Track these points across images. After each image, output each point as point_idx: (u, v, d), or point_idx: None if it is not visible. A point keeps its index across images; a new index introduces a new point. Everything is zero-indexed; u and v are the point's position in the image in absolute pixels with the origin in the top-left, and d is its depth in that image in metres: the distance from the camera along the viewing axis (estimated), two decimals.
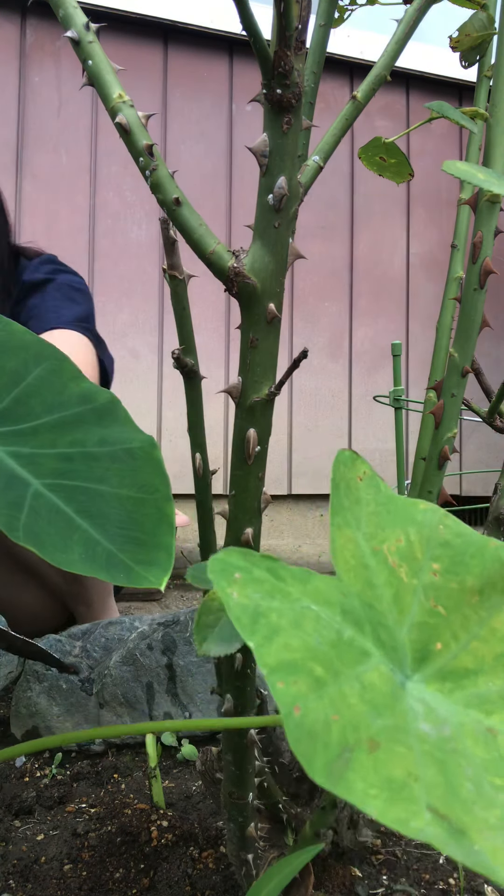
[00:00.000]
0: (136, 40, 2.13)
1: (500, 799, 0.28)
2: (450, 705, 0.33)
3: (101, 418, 0.46)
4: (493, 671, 0.36)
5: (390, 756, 0.27)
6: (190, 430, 0.50)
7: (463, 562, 0.41)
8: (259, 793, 0.62)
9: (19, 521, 0.38)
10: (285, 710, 0.26)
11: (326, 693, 0.28)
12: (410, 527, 0.43)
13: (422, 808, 0.25)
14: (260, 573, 0.32)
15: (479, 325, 0.63)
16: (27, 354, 0.48)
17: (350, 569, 0.38)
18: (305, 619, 0.31)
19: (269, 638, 0.29)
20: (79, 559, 0.38)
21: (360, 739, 0.27)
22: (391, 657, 0.35)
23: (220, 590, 0.30)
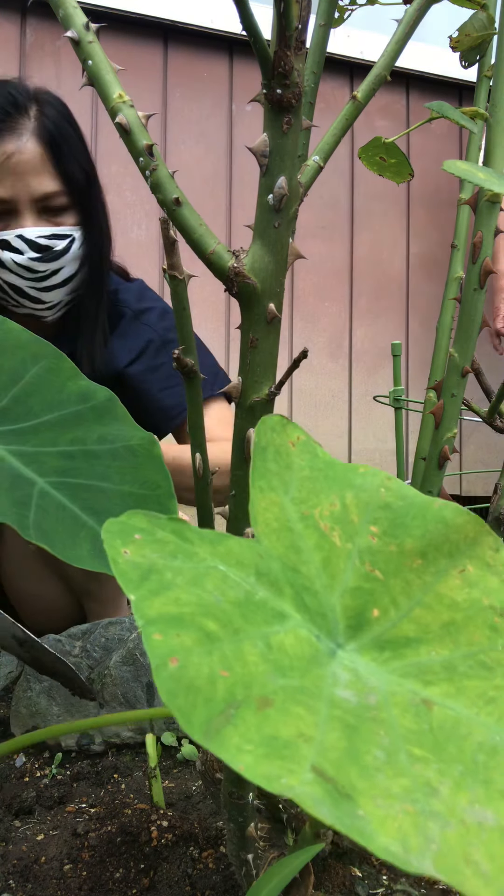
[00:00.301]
0: (136, 40, 2.13)
1: (413, 769, 0.26)
2: (383, 675, 0.31)
3: (101, 416, 0.46)
4: (439, 640, 0.34)
5: (282, 715, 0.26)
6: (190, 430, 0.50)
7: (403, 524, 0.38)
8: (259, 793, 0.62)
9: (28, 519, 0.38)
10: (157, 662, 0.25)
11: (217, 649, 0.27)
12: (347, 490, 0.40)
13: (302, 768, 0.24)
14: (164, 535, 0.31)
15: (479, 325, 0.63)
16: (25, 353, 0.48)
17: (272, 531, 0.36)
18: (207, 578, 0.29)
19: (155, 592, 0.27)
20: (87, 555, 0.38)
21: (249, 696, 0.26)
22: (317, 623, 0.33)
23: (109, 548, 0.28)
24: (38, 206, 1.12)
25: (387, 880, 0.64)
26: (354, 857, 0.65)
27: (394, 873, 0.65)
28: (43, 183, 1.11)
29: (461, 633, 0.34)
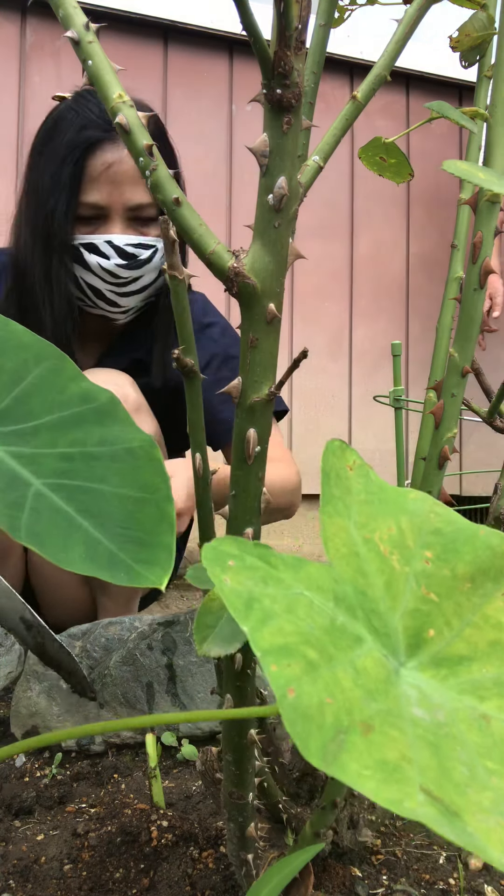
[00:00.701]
0: (136, 40, 2.13)
1: (492, 782, 0.28)
2: (444, 691, 0.34)
3: (102, 418, 0.46)
4: (487, 658, 0.36)
5: (384, 739, 0.27)
6: (190, 430, 0.50)
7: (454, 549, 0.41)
8: (259, 793, 0.62)
9: (20, 520, 0.38)
10: (280, 692, 0.27)
11: (320, 676, 0.29)
12: (402, 515, 0.43)
13: (415, 790, 0.25)
14: (252, 560, 0.33)
15: (479, 325, 0.63)
16: (27, 354, 0.48)
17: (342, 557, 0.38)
18: (298, 605, 0.32)
19: (262, 622, 0.29)
20: (80, 559, 0.38)
21: (353, 722, 0.28)
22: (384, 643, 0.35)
23: (213, 577, 0.30)
24: (128, 214, 1.16)
25: (387, 880, 0.64)
26: (354, 857, 0.65)
27: (393, 873, 0.65)
28: (137, 194, 1.15)
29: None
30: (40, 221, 1.15)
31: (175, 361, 0.47)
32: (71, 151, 1.12)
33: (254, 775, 0.52)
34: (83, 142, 1.12)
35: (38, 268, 1.15)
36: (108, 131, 1.13)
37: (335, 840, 0.63)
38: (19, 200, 1.22)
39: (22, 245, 1.18)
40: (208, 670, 0.87)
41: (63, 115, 1.15)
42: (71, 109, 1.14)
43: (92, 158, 1.12)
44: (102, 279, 1.16)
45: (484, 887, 0.64)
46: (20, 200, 1.21)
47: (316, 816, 0.54)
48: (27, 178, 1.19)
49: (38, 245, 1.15)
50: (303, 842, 0.55)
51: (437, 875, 0.65)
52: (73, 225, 1.14)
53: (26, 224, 1.18)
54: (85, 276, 1.16)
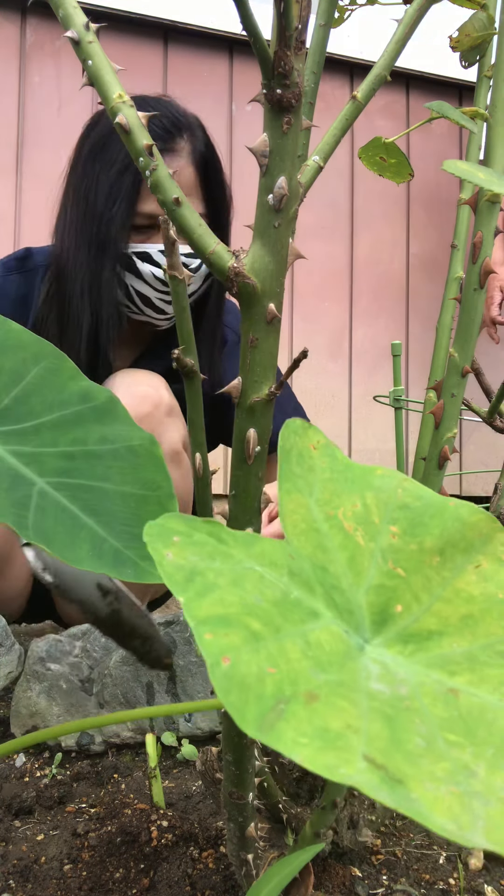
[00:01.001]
0: (136, 40, 2.13)
1: (451, 754, 0.27)
2: (410, 666, 0.33)
3: (102, 416, 0.46)
4: (459, 632, 0.35)
5: (329, 709, 0.27)
6: (190, 430, 0.50)
7: (422, 523, 0.41)
8: (259, 793, 0.62)
9: (27, 519, 0.38)
10: (211, 661, 0.26)
11: (263, 647, 0.28)
12: (367, 491, 0.42)
13: (355, 757, 0.25)
14: (201, 537, 0.32)
15: (479, 324, 0.63)
16: (26, 353, 0.48)
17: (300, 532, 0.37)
18: (246, 579, 0.31)
19: (201, 594, 0.29)
20: (87, 556, 0.38)
21: (297, 692, 0.27)
22: (346, 619, 0.34)
23: (154, 552, 0.29)
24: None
25: (387, 880, 0.64)
26: (354, 857, 0.65)
27: (393, 873, 0.65)
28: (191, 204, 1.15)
29: (479, 625, 0.36)
30: (94, 229, 1.14)
31: (175, 361, 0.47)
32: (132, 162, 1.11)
33: (254, 775, 0.52)
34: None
35: (87, 274, 1.15)
36: (168, 141, 1.13)
37: (335, 840, 0.63)
38: (63, 205, 1.20)
39: (67, 250, 1.17)
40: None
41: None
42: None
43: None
44: (154, 287, 1.17)
45: (484, 887, 0.64)
46: (64, 205, 1.19)
47: (316, 816, 0.54)
48: (76, 185, 1.17)
49: (87, 252, 1.14)
50: (303, 842, 0.55)
51: (437, 875, 0.65)
52: (128, 234, 1.14)
53: (73, 230, 1.16)
54: (135, 283, 1.16)
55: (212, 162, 1.18)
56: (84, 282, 1.15)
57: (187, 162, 1.14)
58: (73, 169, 1.19)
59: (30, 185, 2.06)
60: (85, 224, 1.14)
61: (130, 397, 1.15)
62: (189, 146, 1.15)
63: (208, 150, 1.18)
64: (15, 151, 2.06)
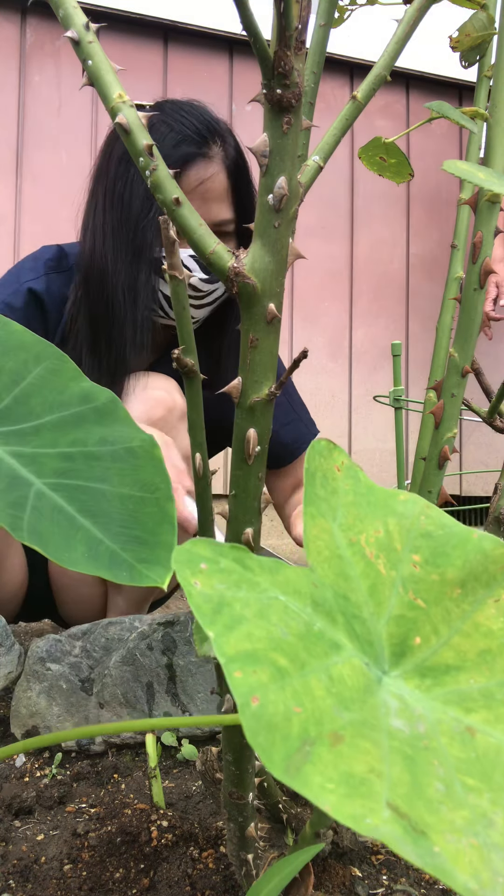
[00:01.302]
0: (136, 40, 2.13)
1: (469, 800, 0.27)
2: (427, 702, 0.32)
3: (102, 417, 0.46)
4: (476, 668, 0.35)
5: (353, 751, 0.26)
6: (190, 430, 0.50)
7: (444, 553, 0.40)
8: (259, 793, 0.62)
9: (23, 520, 0.38)
10: (241, 701, 0.26)
11: (289, 684, 0.28)
12: (390, 517, 0.41)
13: (380, 806, 0.24)
14: (227, 563, 0.31)
15: (479, 325, 0.63)
16: (27, 354, 0.48)
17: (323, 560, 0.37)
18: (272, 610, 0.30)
19: (230, 627, 0.28)
20: (82, 558, 0.38)
21: (322, 733, 0.27)
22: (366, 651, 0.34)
23: (182, 580, 0.29)
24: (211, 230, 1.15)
25: (387, 880, 0.64)
26: (354, 857, 0.65)
27: (394, 873, 0.65)
28: (222, 211, 1.15)
29: (496, 661, 0.35)
30: (129, 235, 1.13)
31: (175, 361, 0.47)
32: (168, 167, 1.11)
33: (254, 775, 0.52)
34: (180, 158, 1.11)
35: (123, 278, 1.13)
36: (202, 146, 1.12)
37: (335, 840, 0.63)
38: (92, 206, 1.18)
39: (99, 253, 1.15)
40: (208, 670, 0.87)
41: (153, 126, 1.12)
42: (163, 122, 1.12)
43: (186, 174, 1.11)
44: None
45: None
46: (93, 206, 1.18)
47: (316, 816, 0.54)
48: (109, 187, 1.15)
49: (123, 256, 1.13)
50: (303, 842, 0.55)
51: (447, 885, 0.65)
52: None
53: (107, 234, 1.15)
54: (164, 288, 1.15)
55: (243, 168, 1.17)
56: (120, 286, 1.13)
57: (220, 168, 1.14)
58: (102, 170, 1.18)
59: (30, 185, 2.06)
60: (120, 228, 1.13)
61: (144, 401, 1.14)
62: (222, 152, 1.14)
63: (239, 157, 1.17)
64: (15, 151, 2.06)
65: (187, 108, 1.15)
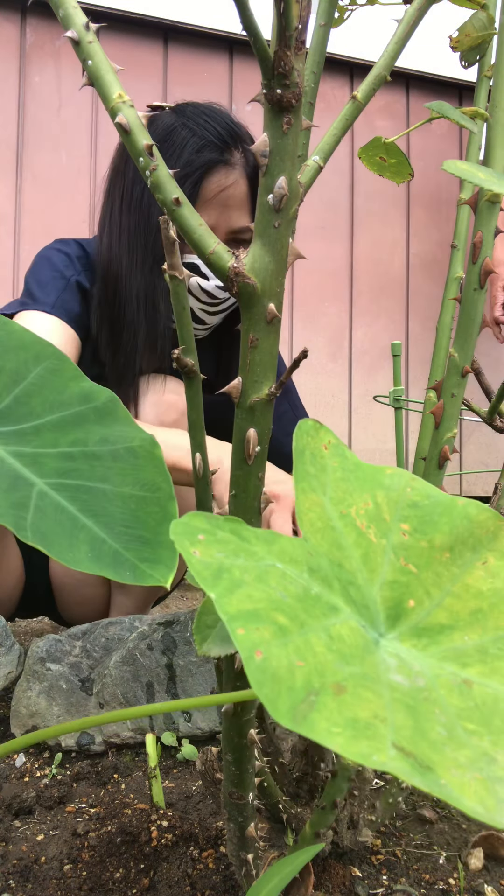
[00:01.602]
0: (136, 40, 2.13)
1: (471, 742, 0.29)
2: (425, 659, 0.34)
3: (102, 417, 0.46)
4: (469, 626, 0.37)
5: (357, 700, 0.28)
6: (190, 430, 0.50)
7: (431, 521, 0.42)
8: (259, 793, 0.62)
9: (26, 520, 0.38)
10: (246, 654, 0.27)
11: (291, 641, 0.29)
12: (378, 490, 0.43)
13: (386, 745, 0.26)
14: (224, 535, 0.33)
15: (479, 325, 0.63)
16: (27, 354, 0.48)
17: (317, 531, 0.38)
18: (270, 575, 0.32)
19: (230, 590, 0.29)
20: (86, 558, 0.38)
21: (325, 684, 0.28)
22: (363, 614, 0.35)
23: (182, 549, 0.30)
24: (229, 237, 1.15)
25: (387, 880, 0.64)
26: (354, 857, 0.65)
27: (393, 873, 0.65)
28: (242, 218, 1.15)
29: (488, 619, 0.37)
30: (148, 240, 1.11)
31: (175, 361, 0.47)
32: (190, 173, 1.09)
33: (254, 775, 0.52)
34: (203, 164, 1.09)
35: (141, 284, 1.12)
36: (224, 152, 1.11)
37: (335, 840, 0.63)
38: (109, 207, 1.16)
39: (117, 257, 1.14)
40: (208, 670, 0.87)
41: (175, 129, 1.11)
42: (184, 126, 1.11)
43: (207, 180, 1.10)
44: (198, 298, 1.15)
45: (484, 887, 0.64)
46: (110, 208, 1.16)
47: (316, 816, 0.54)
48: (127, 189, 1.14)
49: (142, 261, 1.12)
50: (303, 842, 0.55)
51: (437, 875, 0.65)
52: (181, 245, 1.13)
53: (123, 237, 1.13)
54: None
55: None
56: (135, 291, 1.12)
57: (241, 175, 1.12)
58: (119, 172, 1.16)
59: (30, 185, 2.06)
60: (139, 233, 1.12)
61: (156, 405, 1.14)
62: (243, 159, 1.13)
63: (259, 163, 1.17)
64: (15, 151, 2.06)
65: (209, 113, 1.13)
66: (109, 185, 1.18)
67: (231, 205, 1.12)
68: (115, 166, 1.18)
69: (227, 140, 1.11)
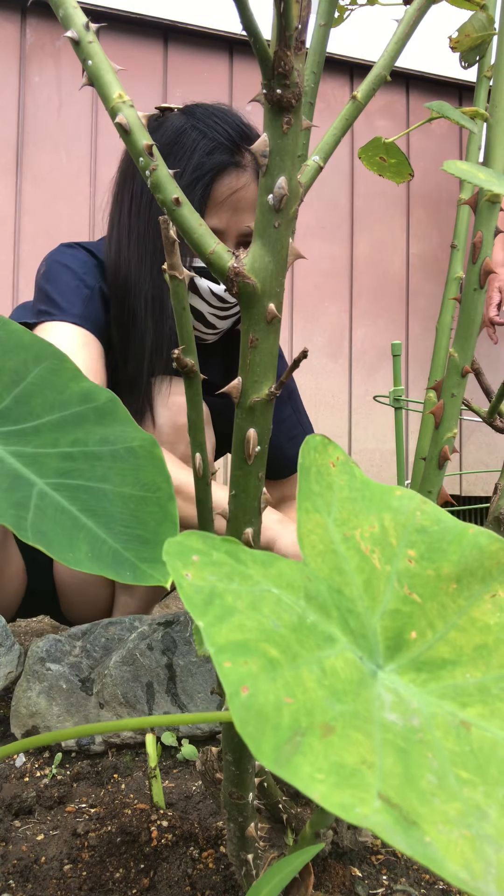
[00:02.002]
0: (136, 40, 2.13)
1: (463, 793, 0.27)
2: (423, 696, 0.32)
3: (102, 417, 0.46)
4: (472, 663, 0.35)
5: (345, 742, 0.26)
6: (190, 430, 0.50)
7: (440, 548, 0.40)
8: (259, 793, 0.62)
9: (26, 520, 0.38)
10: (231, 690, 0.25)
11: (280, 675, 0.27)
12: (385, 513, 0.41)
13: (371, 796, 0.24)
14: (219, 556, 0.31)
15: (479, 325, 0.63)
16: (27, 354, 0.48)
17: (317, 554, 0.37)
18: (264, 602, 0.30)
19: (221, 618, 0.28)
20: (86, 558, 0.38)
21: (313, 724, 0.26)
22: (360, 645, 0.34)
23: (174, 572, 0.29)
24: (240, 240, 1.14)
25: (387, 880, 0.64)
26: (354, 857, 0.66)
27: (393, 873, 0.65)
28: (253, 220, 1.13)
29: (493, 656, 0.35)
30: (157, 245, 1.10)
31: (175, 361, 0.47)
32: (201, 176, 1.08)
33: (254, 775, 0.52)
34: (214, 167, 1.08)
35: (147, 288, 1.11)
36: (235, 154, 1.10)
37: (335, 840, 0.63)
38: (118, 210, 1.15)
39: (127, 261, 1.12)
40: (208, 670, 0.87)
41: (185, 132, 1.10)
42: (194, 128, 1.10)
43: (218, 183, 1.09)
44: (209, 303, 1.14)
45: None
46: (119, 210, 1.15)
47: (316, 816, 0.54)
48: (136, 192, 1.12)
49: (148, 265, 1.11)
50: (303, 842, 0.55)
51: (437, 875, 0.65)
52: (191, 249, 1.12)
53: (132, 241, 1.12)
54: (191, 299, 1.12)
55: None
56: (144, 296, 1.11)
57: (252, 177, 1.11)
58: (128, 175, 1.15)
59: (30, 186, 2.06)
60: (146, 237, 1.11)
61: (168, 407, 1.13)
62: (254, 161, 1.11)
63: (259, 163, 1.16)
64: (15, 151, 2.06)
65: (219, 114, 1.12)
66: (118, 189, 1.16)
67: (242, 207, 1.11)
68: (122, 167, 1.17)
69: (237, 142, 1.10)
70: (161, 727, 0.85)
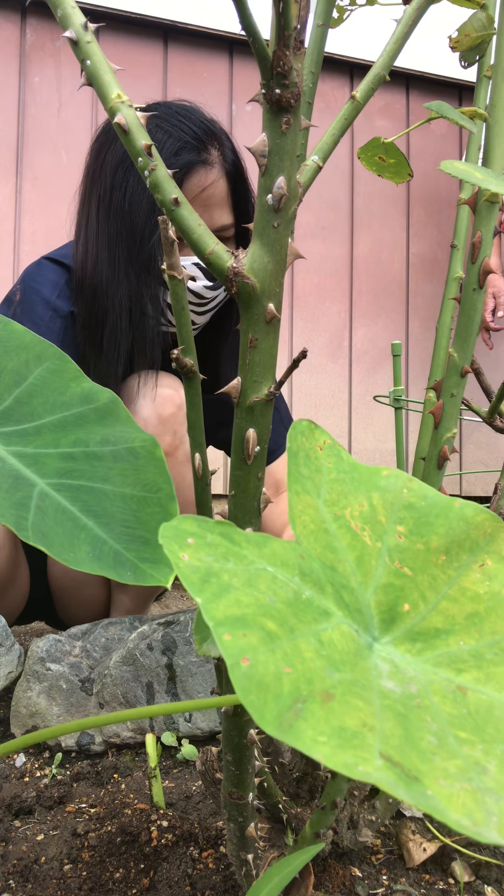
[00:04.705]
0: (136, 40, 2.13)
1: (463, 751, 0.28)
2: (419, 665, 0.33)
3: (103, 418, 0.46)
4: (465, 630, 0.36)
5: (345, 707, 0.27)
6: (189, 430, 0.50)
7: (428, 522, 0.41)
8: (259, 793, 0.62)
9: (27, 520, 0.38)
10: (231, 661, 0.26)
11: (279, 647, 0.28)
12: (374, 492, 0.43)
13: (373, 755, 0.25)
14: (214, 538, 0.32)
15: (478, 324, 0.63)
16: (28, 354, 0.48)
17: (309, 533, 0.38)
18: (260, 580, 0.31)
19: (218, 595, 0.29)
20: (86, 558, 0.38)
21: (313, 692, 0.27)
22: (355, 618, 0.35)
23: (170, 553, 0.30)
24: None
25: (387, 880, 0.64)
26: (354, 857, 0.65)
27: (393, 873, 0.65)
28: (223, 217, 1.14)
29: (485, 623, 0.37)
30: (132, 248, 1.08)
31: (174, 361, 0.47)
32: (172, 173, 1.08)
33: (254, 775, 0.52)
34: (182, 166, 1.07)
35: (123, 292, 1.09)
36: (202, 152, 1.09)
37: (335, 840, 0.63)
38: (85, 214, 1.13)
39: (92, 265, 1.10)
40: (208, 670, 0.87)
41: (150, 132, 1.08)
42: (159, 128, 1.09)
43: (188, 182, 1.08)
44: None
45: (484, 887, 0.64)
46: (87, 214, 1.13)
47: (316, 816, 0.54)
48: (105, 195, 1.11)
49: (122, 269, 1.09)
50: (303, 842, 0.55)
51: (437, 875, 0.65)
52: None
53: (102, 245, 1.10)
54: (167, 296, 1.11)
55: (241, 170, 1.15)
56: (118, 300, 1.10)
57: (220, 173, 1.11)
58: (95, 176, 1.13)
59: (29, 186, 2.06)
60: (120, 240, 1.09)
61: (153, 399, 1.13)
62: (221, 157, 1.11)
63: (237, 159, 1.14)
64: (15, 151, 2.06)
65: (183, 113, 1.11)
66: (85, 191, 1.14)
67: (212, 203, 1.11)
68: (89, 170, 1.14)
69: (203, 139, 1.10)
70: (161, 727, 0.85)
